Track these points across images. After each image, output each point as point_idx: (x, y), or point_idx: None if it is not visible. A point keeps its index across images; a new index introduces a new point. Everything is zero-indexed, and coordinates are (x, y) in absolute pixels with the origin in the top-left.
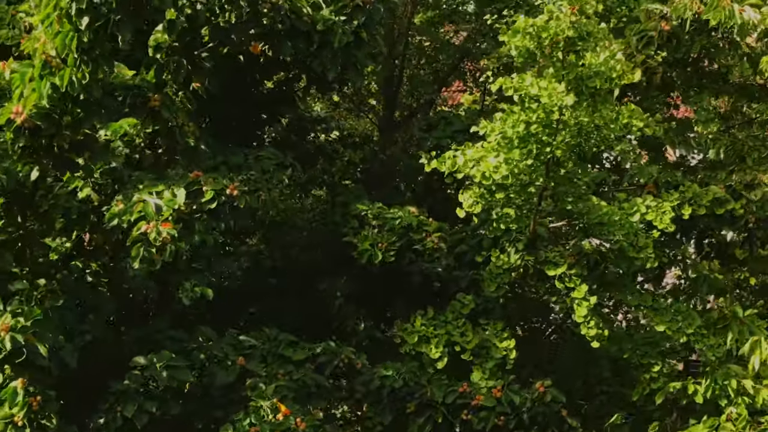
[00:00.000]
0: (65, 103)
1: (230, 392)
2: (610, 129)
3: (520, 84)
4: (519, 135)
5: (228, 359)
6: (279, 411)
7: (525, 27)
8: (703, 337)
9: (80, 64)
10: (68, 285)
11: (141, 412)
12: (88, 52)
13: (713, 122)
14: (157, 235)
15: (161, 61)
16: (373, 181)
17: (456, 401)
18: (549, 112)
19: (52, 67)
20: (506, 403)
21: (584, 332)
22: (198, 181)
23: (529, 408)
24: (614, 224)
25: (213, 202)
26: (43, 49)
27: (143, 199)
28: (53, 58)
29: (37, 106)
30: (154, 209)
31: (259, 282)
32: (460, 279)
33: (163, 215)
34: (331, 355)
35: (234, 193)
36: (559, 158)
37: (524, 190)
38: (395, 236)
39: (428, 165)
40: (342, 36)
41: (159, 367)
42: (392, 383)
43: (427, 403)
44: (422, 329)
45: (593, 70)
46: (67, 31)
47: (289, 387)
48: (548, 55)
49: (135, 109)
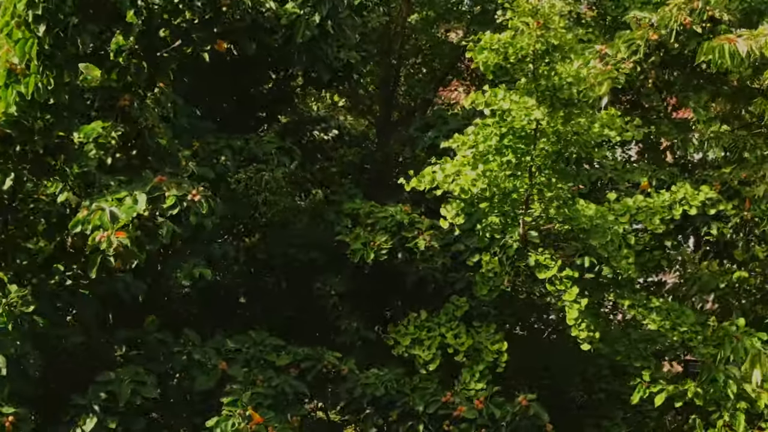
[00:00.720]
0: (34, 109)
1: (210, 398)
2: (589, 136)
3: (492, 99)
4: (495, 147)
5: (209, 363)
6: (252, 419)
7: (491, 43)
8: (697, 334)
9: (43, 70)
10: (45, 290)
11: (101, 428)
12: (50, 57)
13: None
14: (109, 244)
15: (123, 63)
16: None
17: (438, 411)
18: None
19: (17, 74)
20: (487, 415)
21: (575, 334)
22: (161, 186)
23: (509, 422)
24: (597, 231)
25: (175, 208)
26: (6, 57)
27: (101, 208)
28: (16, 65)
29: (6, 114)
30: (109, 218)
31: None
32: (455, 281)
33: (119, 223)
34: (314, 360)
35: (196, 199)
36: (540, 165)
37: (508, 199)
38: (387, 235)
39: (407, 185)
40: (306, 29)
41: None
42: (373, 391)
43: (408, 412)
44: (415, 332)
45: (564, 80)
46: (26, 38)
47: (266, 394)
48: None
49: (104, 111)
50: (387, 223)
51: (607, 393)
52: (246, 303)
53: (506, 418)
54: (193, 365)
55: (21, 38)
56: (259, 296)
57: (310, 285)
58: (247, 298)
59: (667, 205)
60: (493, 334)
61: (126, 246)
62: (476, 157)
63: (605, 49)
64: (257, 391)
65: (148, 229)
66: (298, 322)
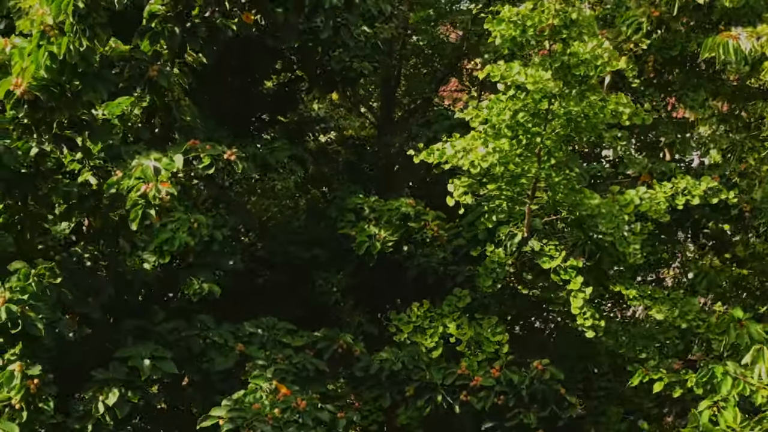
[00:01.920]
0: (64, 73)
1: (229, 377)
2: (599, 117)
3: (507, 72)
4: (506, 123)
5: (227, 345)
6: (279, 392)
7: (510, 16)
8: (703, 322)
9: (77, 32)
10: (67, 267)
11: (123, 401)
12: (85, 18)
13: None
14: (157, 193)
15: (156, 29)
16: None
17: (455, 383)
18: (536, 100)
19: (49, 36)
20: (505, 381)
21: (580, 323)
22: (196, 148)
23: (527, 386)
24: (604, 217)
25: (211, 168)
26: (41, 19)
27: (142, 163)
28: (51, 28)
29: (36, 78)
30: (152, 171)
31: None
32: (456, 274)
33: (161, 176)
34: (329, 341)
35: (232, 158)
36: (549, 148)
37: (516, 182)
38: (393, 227)
39: (416, 157)
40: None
41: (143, 357)
42: (391, 366)
43: (426, 385)
44: (418, 321)
45: (580, 58)
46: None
47: (287, 370)
48: (534, 44)
49: (133, 81)
50: (392, 216)
51: (607, 390)
52: (247, 300)
53: (524, 382)
54: (210, 347)
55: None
56: (260, 294)
57: (311, 282)
58: (248, 295)
59: (670, 195)
60: (494, 326)
61: (172, 194)
62: (488, 132)
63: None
64: (280, 367)
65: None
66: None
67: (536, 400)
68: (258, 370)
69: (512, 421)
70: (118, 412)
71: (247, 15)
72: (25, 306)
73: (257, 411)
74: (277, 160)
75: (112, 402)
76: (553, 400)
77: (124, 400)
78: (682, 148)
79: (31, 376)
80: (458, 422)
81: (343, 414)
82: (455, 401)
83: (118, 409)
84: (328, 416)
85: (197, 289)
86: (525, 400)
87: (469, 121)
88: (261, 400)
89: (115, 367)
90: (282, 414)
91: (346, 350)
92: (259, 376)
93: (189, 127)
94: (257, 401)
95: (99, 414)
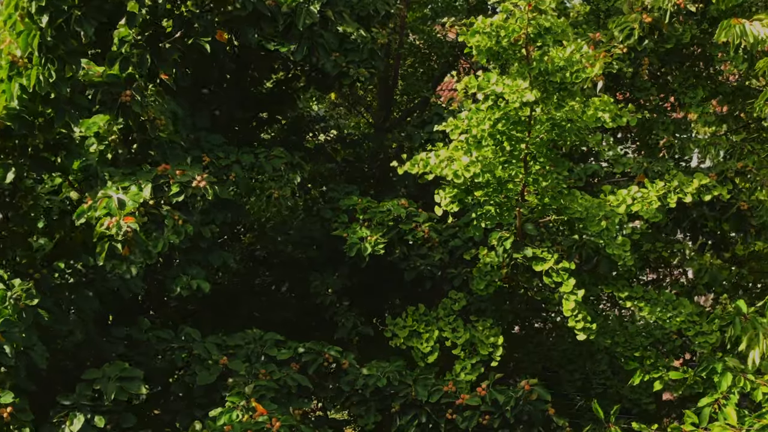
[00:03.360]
0: (35, 103)
1: (212, 392)
2: (582, 122)
3: (485, 83)
4: (488, 132)
5: (211, 359)
6: (255, 411)
7: (483, 27)
8: (694, 325)
9: (46, 63)
10: (47, 285)
11: (89, 427)
12: (53, 50)
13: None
14: (118, 229)
15: (125, 54)
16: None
17: (441, 400)
18: (516, 109)
19: (19, 67)
20: (490, 401)
21: (572, 325)
22: (166, 174)
23: (513, 407)
24: (592, 219)
25: (180, 195)
26: (9, 50)
27: (108, 195)
28: (19, 58)
29: (7, 108)
30: (116, 204)
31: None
32: (453, 277)
33: (126, 209)
34: (315, 354)
35: (201, 185)
36: (535, 154)
37: (503, 188)
38: (385, 228)
39: (400, 168)
40: (306, 17)
41: (110, 379)
42: (376, 382)
43: (411, 402)
44: (413, 325)
45: (557, 64)
46: (29, 30)
47: (268, 387)
48: (510, 53)
49: (106, 106)
50: (384, 217)
51: (604, 387)
52: (244, 301)
53: (510, 403)
54: (194, 361)
55: (24, 30)
56: (257, 294)
57: (307, 282)
58: (245, 296)
59: (662, 193)
60: (489, 328)
61: (135, 230)
62: (469, 141)
63: (599, 36)
64: (260, 384)
65: (154, 217)
66: (296, 319)
67: (522, 422)
68: (238, 387)
69: None
70: None
71: (221, 33)
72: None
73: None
74: (273, 168)
75: (76, 429)
76: (540, 421)
77: (90, 426)
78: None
79: (4, 404)
80: None
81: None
82: (440, 419)
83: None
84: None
85: (185, 285)
86: (510, 422)
87: (449, 132)
88: (235, 421)
89: (81, 390)
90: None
91: (333, 363)
92: (237, 394)
93: (170, 142)
94: (231, 422)
95: None
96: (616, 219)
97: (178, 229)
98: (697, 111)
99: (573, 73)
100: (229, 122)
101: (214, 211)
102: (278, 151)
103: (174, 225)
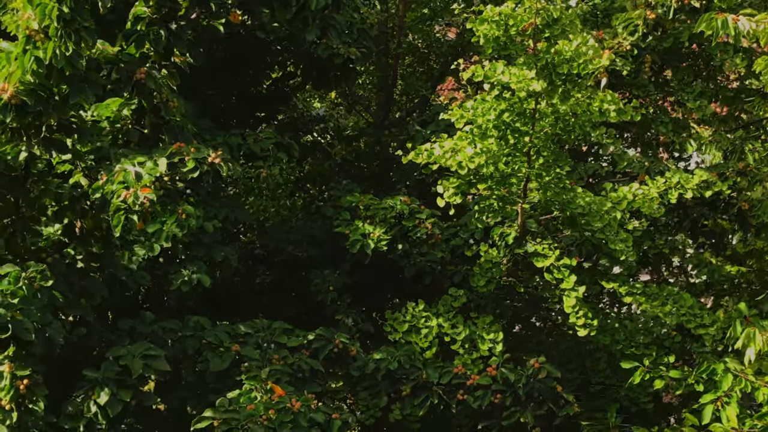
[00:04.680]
0: (50, 78)
1: (225, 378)
2: (587, 115)
3: (491, 72)
4: (493, 123)
5: (222, 346)
6: (273, 392)
7: (491, 16)
8: (695, 317)
9: (63, 36)
10: (59, 269)
11: (115, 401)
12: (70, 23)
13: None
14: (135, 199)
15: (141, 32)
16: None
17: (451, 381)
18: (522, 100)
19: (35, 41)
20: (501, 380)
21: (572, 321)
22: (180, 151)
23: (525, 384)
24: (594, 215)
25: (195, 171)
26: (26, 24)
27: (124, 168)
28: (36, 32)
29: (23, 82)
30: (134, 177)
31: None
32: (453, 274)
33: (143, 182)
34: (325, 340)
35: (217, 161)
36: (538, 147)
37: (506, 181)
38: (387, 225)
39: (405, 158)
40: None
41: (135, 356)
42: (387, 365)
43: (422, 384)
44: (413, 320)
45: (563, 56)
46: (46, 1)
47: (283, 371)
48: (518, 43)
49: (120, 83)
50: (387, 214)
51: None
52: (244, 300)
53: (521, 381)
54: (205, 348)
55: (41, 2)
56: (257, 293)
57: (308, 280)
58: (245, 295)
59: (663, 190)
60: (489, 325)
61: (152, 200)
62: (474, 132)
63: (601, 34)
64: (275, 368)
65: (169, 192)
66: (297, 317)
67: (533, 399)
68: (253, 371)
69: (509, 419)
70: (110, 411)
71: (235, 14)
72: (16, 310)
73: (251, 412)
74: (262, 149)
75: (103, 401)
76: (549, 398)
77: (116, 400)
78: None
79: (21, 376)
80: (456, 418)
81: (337, 415)
82: (452, 400)
83: (110, 409)
84: (322, 417)
85: (186, 280)
86: (522, 399)
87: (454, 122)
88: (255, 401)
89: (107, 366)
90: (276, 415)
91: (342, 350)
92: (253, 377)
93: (179, 127)
94: (251, 402)
95: (91, 414)
96: (618, 215)
97: (182, 222)
98: (695, 105)
99: (580, 64)
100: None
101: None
102: (267, 132)
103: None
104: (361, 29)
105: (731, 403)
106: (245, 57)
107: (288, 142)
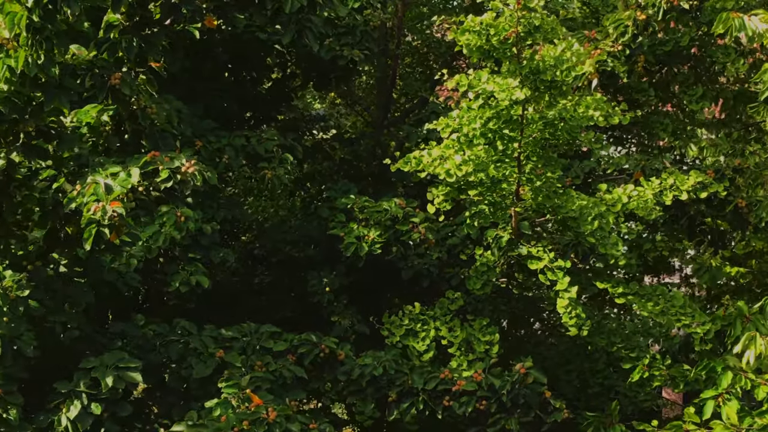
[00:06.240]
0: (24, 86)
1: (208, 384)
2: (575, 120)
3: (476, 81)
4: (479, 131)
5: (207, 352)
6: (251, 401)
7: (473, 26)
8: (686, 316)
9: (33, 44)
10: (41, 277)
11: (85, 414)
12: (40, 31)
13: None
14: (104, 214)
15: (113, 39)
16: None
17: (437, 387)
18: (507, 107)
19: (7, 49)
20: (486, 386)
21: (565, 321)
22: (155, 160)
23: (509, 390)
24: (585, 219)
25: (168, 181)
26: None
27: (95, 181)
28: (7, 40)
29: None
30: (104, 190)
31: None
32: (450, 276)
33: (113, 194)
34: (311, 345)
35: (190, 171)
36: (528, 153)
37: (496, 187)
38: (381, 228)
39: (393, 166)
40: (294, 1)
41: (108, 367)
42: (372, 371)
43: (408, 390)
44: (410, 324)
45: (547, 63)
46: (15, 10)
47: (264, 378)
48: (501, 51)
49: (95, 89)
50: (381, 217)
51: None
52: (242, 300)
53: (506, 387)
54: (190, 353)
55: (10, 11)
56: (255, 293)
57: (305, 281)
58: (244, 295)
59: (658, 191)
60: (485, 327)
61: (121, 215)
62: (461, 140)
63: (594, 34)
64: (256, 375)
65: (144, 203)
66: (293, 317)
67: (518, 405)
68: (234, 379)
69: (494, 426)
70: (79, 426)
71: (210, 19)
72: None
73: (220, 425)
74: (266, 150)
75: (73, 415)
76: (536, 404)
77: (87, 413)
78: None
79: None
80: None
81: (315, 425)
82: (437, 406)
83: (79, 423)
84: (299, 428)
85: (184, 281)
86: (507, 405)
87: (440, 131)
88: (228, 413)
89: (79, 377)
90: (250, 426)
91: (330, 354)
92: (233, 385)
93: (160, 132)
94: (226, 413)
95: (62, 427)
96: (611, 218)
97: (180, 225)
98: (696, 107)
99: (563, 71)
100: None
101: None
102: (270, 133)
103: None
104: (364, 31)
105: (732, 399)
106: (247, 58)
107: (291, 143)
